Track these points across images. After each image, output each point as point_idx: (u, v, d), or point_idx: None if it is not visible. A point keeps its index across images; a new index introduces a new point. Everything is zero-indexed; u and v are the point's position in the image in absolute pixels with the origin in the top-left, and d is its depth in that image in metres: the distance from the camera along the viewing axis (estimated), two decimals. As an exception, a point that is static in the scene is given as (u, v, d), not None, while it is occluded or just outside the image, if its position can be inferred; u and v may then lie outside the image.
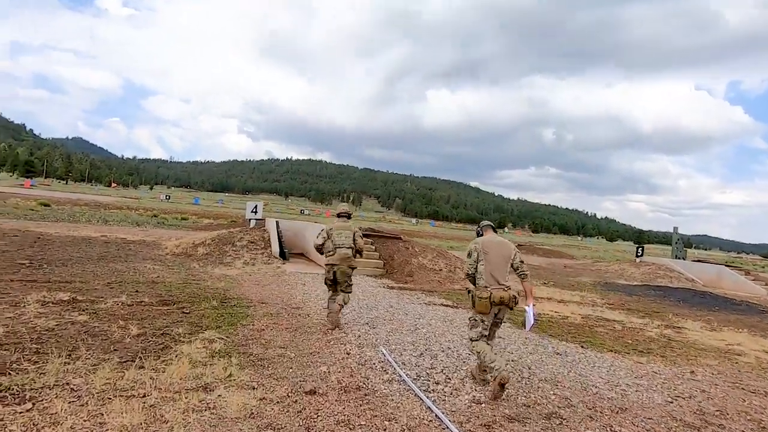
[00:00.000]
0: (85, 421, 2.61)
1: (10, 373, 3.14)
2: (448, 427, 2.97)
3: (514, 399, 3.66)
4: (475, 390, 3.75)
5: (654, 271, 18.35)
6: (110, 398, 2.91)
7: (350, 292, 5.56)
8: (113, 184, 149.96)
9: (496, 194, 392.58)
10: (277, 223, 12.45)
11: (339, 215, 5.81)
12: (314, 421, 2.90)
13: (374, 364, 4.18)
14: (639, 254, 20.87)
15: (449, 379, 3.98)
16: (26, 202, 24.11)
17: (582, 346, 5.78)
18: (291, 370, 3.78)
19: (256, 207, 12.84)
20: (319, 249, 5.50)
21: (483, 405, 3.45)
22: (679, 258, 21.59)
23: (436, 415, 3.14)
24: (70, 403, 2.81)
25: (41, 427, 2.50)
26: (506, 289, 3.80)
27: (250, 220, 13.00)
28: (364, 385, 3.62)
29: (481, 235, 4.22)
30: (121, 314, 4.93)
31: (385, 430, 2.90)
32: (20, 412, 2.63)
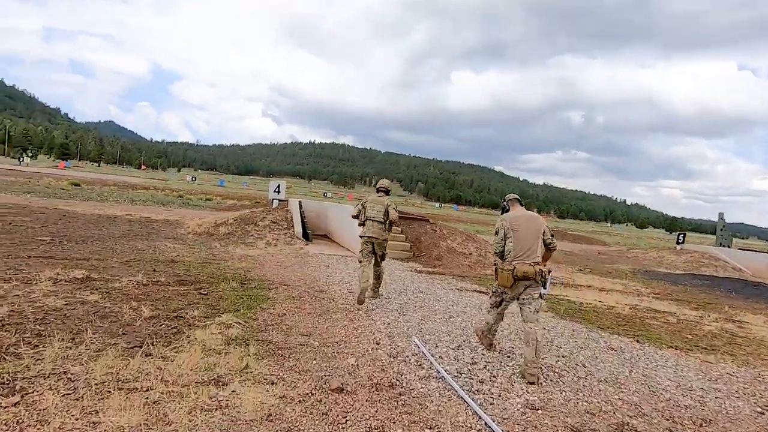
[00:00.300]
0: (76, 419, 2.23)
1: (4, 359, 2.81)
2: (501, 440, 2.47)
3: (573, 404, 3.11)
4: (527, 392, 3.23)
5: (697, 260, 17.18)
6: (109, 391, 2.53)
7: (382, 268, 5.83)
8: (143, 167, 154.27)
9: (521, 179, 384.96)
10: (299, 203, 12.08)
11: (378, 190, 5.91)
12: (342, 427, 2.45)
13: (407, 356, 3.71)
14: (680, 241, 19.62)
15: (494, 377, 3.46)
16: (58, 182, 24.67)
17: (637, 341, 5.14)
18: (315, 362, 3.35)
19: (278, 187, 12.50)
20: (354, 218, 5.89)
21: (540, 412, 2.92)
22: (724, 246, 20.21)
23: (485, 423, 2.64)
24: (63, 396, 2.44)
25: (25, 427, 2.13)
26: (533, 264, 3.66)
27: (272, 200, 12.67)
28: (398, 382, 3.15)
29: (507, 210, 4.10)
30: (134, 294, 4.62)
31: (426, 440, 2.43)
32: (5, 407, 2.27)
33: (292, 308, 4.83)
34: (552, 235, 3.91)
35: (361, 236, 5.67)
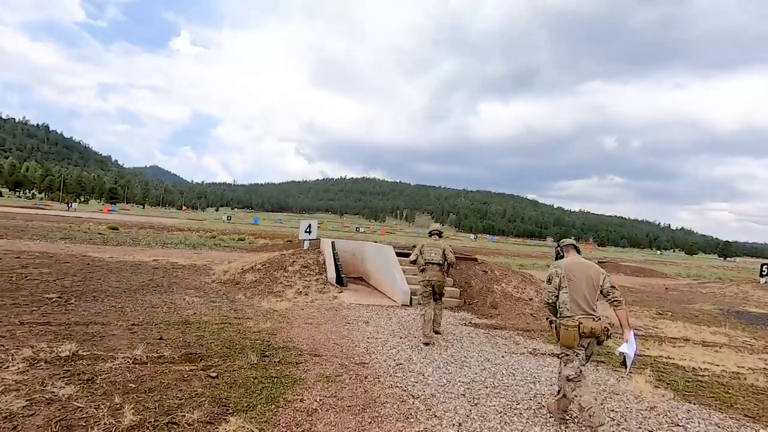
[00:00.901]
0: None
1: None
2: None
3: None
4: None
5: (791, 295, 14.71)
6: None
7: (442, 303, 6.20)
8: (184, 208, 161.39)
9: (555, 206, 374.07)
10: (332, 244, 11.06)
11: (430, 234, 6.22)
12: None
13: (504, 502, 2.38)
14: (764, 273, 17.11)
15: None
16: (97, 227, 25.08)
17: (820, 444, 3.55)
18: None
19: (309, 226, 11.57)
20: (412, 263, 6.07)
21: None
22: (818, 277, 17.47)
23: None
24: None
25: None
26: (596, 318, 3.35)
27: (303, 241, 11.73)
28: None
29: (562, 256, 3.78)
30: (123, 383, 3.55)
31: None
32: None
33: (326, 398, 3.61)
34: (613, 286, 3.44)
35: (421, 281, 5.91)
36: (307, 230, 11.51)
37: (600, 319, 3.34)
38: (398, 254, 9.64)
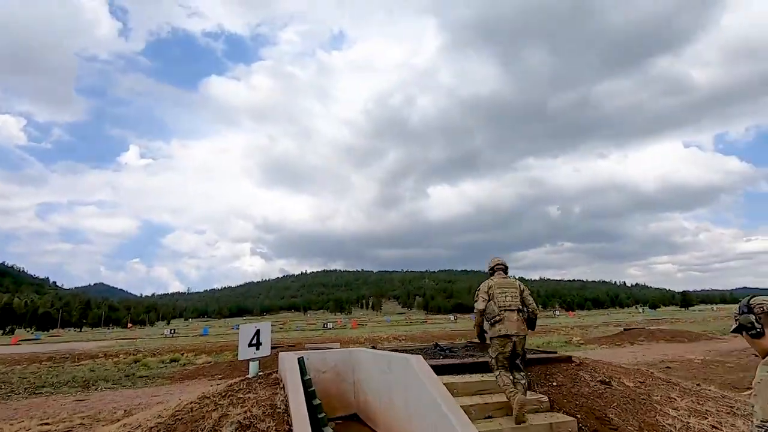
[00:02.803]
0: None
1: None
2: None
3: None
4: None
5: None
6: None
7: (525, 372, 4.52)
8: (129, 325, 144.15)
9: (516, 276, 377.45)
10: (300, 361, 6.03)
11: (493, 270, 4.87)
12: None
13: None
14: None
15: None
16: (-36, 369, 17.88)
17: None
18: None
19: (257, 335, 6.47)
20: (481, 313, 4.68)
21: None
22: None
23: None
24: None
25: None
26: None
27: (249, 362, 6.53)
28: None
29: (760, 332, 1.69)
30: None
31: None
32: None
33: None
34: None
35: (493, 337, 4.47)
36: (253, 341, 6.41)
37: None
38: (436, 369, 4.73)
